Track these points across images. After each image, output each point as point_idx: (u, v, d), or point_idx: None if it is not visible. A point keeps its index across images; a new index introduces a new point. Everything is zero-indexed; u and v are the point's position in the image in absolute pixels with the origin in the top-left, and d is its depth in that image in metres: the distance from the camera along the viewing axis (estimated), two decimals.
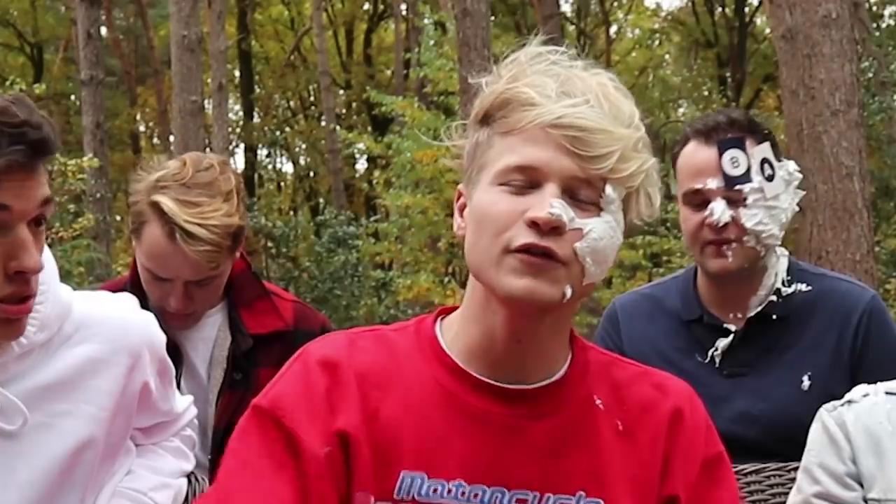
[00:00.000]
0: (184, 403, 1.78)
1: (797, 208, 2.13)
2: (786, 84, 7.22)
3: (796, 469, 1.94)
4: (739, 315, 2.14)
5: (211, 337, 2.17)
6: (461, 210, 1.30)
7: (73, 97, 23.64)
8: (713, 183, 2.05)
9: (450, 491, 1.23)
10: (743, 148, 2.05)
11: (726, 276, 2.10)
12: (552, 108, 1.20)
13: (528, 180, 1.21)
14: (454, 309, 1.35)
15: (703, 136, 2.09)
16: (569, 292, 1.21)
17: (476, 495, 1.23)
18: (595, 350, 1.38)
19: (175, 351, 2.10)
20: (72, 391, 1.46)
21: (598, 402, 1.30)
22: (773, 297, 2.13)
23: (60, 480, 1.45)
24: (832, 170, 6.85)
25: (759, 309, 2.13)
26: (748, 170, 2.04)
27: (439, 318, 1.35)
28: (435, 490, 1.23)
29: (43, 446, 1.44)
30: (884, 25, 20.06)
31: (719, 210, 2.04)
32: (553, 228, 1.19)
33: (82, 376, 1.47)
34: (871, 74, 12.02)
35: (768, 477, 1.96)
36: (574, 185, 1.21)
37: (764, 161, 2.06)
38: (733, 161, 2.04)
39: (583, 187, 1.21)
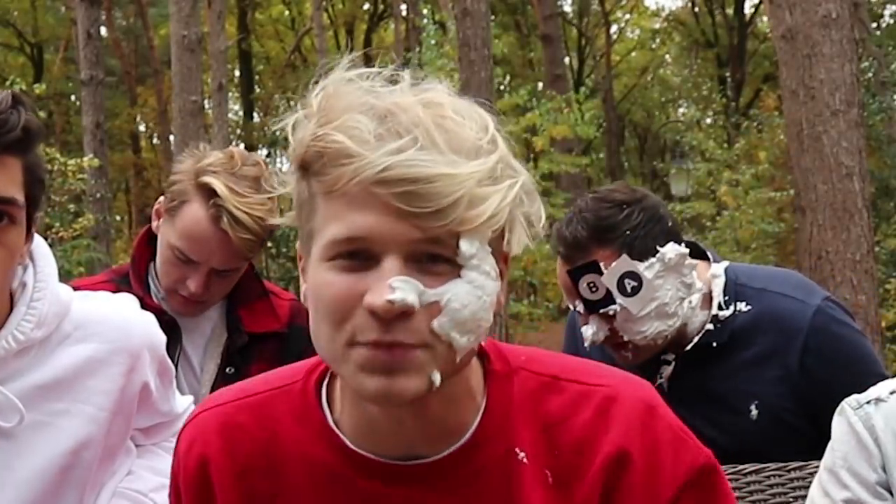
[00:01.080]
0: (184, 404, 1.78)
1: (691, 280, 1.98)
2: (786, 84, 7.22)
3: (796, 469, 1.95)
4: (678, 349, 2.06)
5: (205, 335, 2.18)
6: (304, 273, 1.07)
7: (73, 97, 23.65)
8: (580, 306, 2.00)
9: None
10: (596, 271, 1.94)
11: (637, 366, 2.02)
12: (372, 158, 0.95)
13: (361, 253, 0.98)
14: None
15: (562, 257, 2.00)
16: (437, 379, 0.99)
17: None
18: (524, 372, 1.13)
19: (173, 340, 2.11)
20: (70, 390, 1.46)
21: (520, 455, 1.09)
22: (710, 326, 2.02)
23: (58, 480, 1.45)
24: (832, 170, 6.85)
25: (696, 340, 2.03)
26: (607, 292, 1.94)
27: (321, 382, 1.15)
28: None
29: (41, 445, 1.43)
30: (884, 25, 20.06)
31: (589, 333, 2.00)
32: (399, 314, 0.96)
33: (81, 376, 1.47)
34: (871, 74, 12.03)
35: (768, 477, 1.96)
36: (418, 250, 0.97)
37: (623, 277, 1.93)
38: (591, 286, 1.95)
39: (430, 248, 0.98)
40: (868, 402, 1.54)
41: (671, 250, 1.95)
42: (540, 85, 21.57)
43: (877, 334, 7.07)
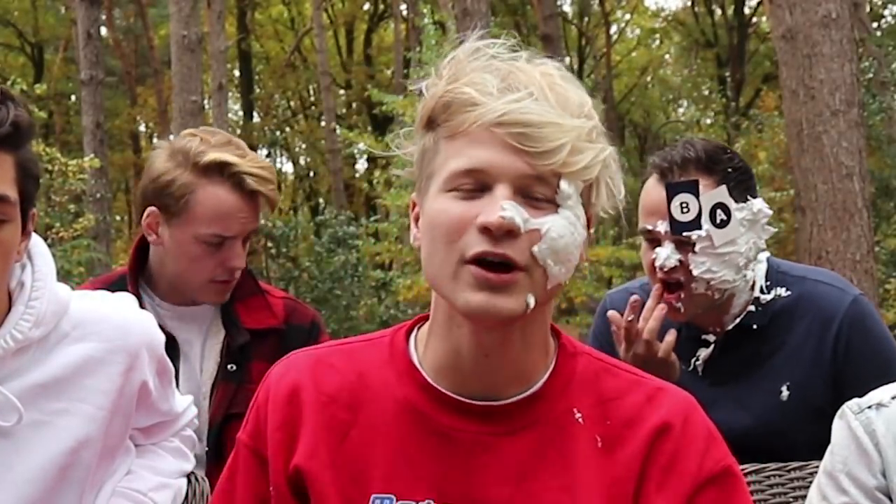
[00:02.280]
0: (183, 403, 1.77)
1: (763, 246, 2.06)
2: (786, 84, 7.22)
3: (796, 469, 1.95)
4: (717, 329, 2.12)
5: (201, 333, 2.18)
6: (416, 220, 1.25)
7: (73, 97, 23.64)
8: (662, 226, 2.00)
9: None
10: (695, 192, 1.96)
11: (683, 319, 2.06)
12: (494, 105, 1.15)
13: (477, 184, 1.16)
14: (427, 318, 1.30)
15: (659, 173, 2.03)
16: (532, 302, 1.16)
17: None
18: (587, 356, 1.30)
19: (171, 344, 2.11)
20: (69, 390, 1.46)
21: (577, 415, 1.24)
22: (752, 307, 2.08)
23: (58, 478, 1.45)
24: (832, 170, 6.85)
25: (738, 321, 2.10)
26: (698, 216, 1.96)
27: (416, 327, 1.31)
28: None
29: (40, 444, 1.43)
30: (884, 25, 20.06)
31: (664, 255, 2.00)
32: (507, 232, 1.13)
33: (79, 375, 1.47)
34: (871, 74, 12.02)
35: (768, 477, 1.96)
36: (526, 184, 1.15)
37: (716, 207, 1.97)
38: (683, 206, 1.97)
39: (535, 185, 1.15)
40: (869, 407, 1.54)
41: (760, 204, 2.03)
42: None
43: None
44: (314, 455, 1.24)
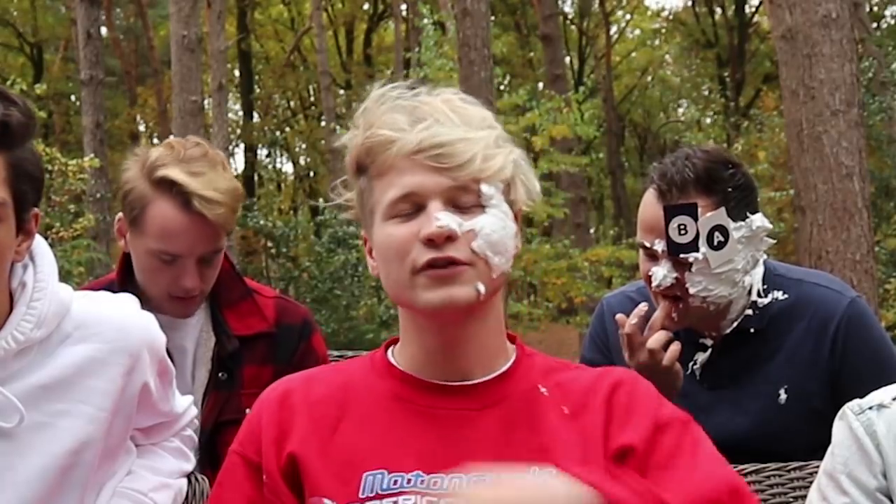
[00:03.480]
0: (184, 404, 1.77)
1: (764, 256, 2.08)
2: (786, 84, 7.21)
3: (796, 469, 1.95)
4: (715, 333, 2.12)
5: (191, 341, 2.16)
6: (370, 253, 1.42)
7: (73, 97, 23.65)
8: (659, 245, 2.00)
9: (409, 481, 1.31)
10: (693, 216, 1.96)
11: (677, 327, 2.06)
12: (409, 137, 1.32)
13: (412, 206, 1.33)
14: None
15: (658, 191, 2.02)
16: (482, 289, 1.33)
17: (435, 482, 1.31)
18: (541, 356, 1.47)
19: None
20: (70, 391, 1.45)
21: (542, 390, 1.40)
22: (749, 311, 2.09)
23: (59, 480, 1.45)
24: (832, 170, 6.85)
25: (735, 325, 2.10)
26: (695, 238, 1.96)
27: (390, 346, 1.47)
28: (395, 482, 1.32)
29: (41, 446, 1.43)
30: (884, 25, 20.06)
31: (660, 275, 2.00)
32: (447, 238, 1.31)
33: (80, 376, 1.46)
34: (871, 74, 12.03)
35: (768, 477, 1.96)
36: (453, 195, 1.33)
37: (714, 229, 1.98)
38: (681, 228, 1.97)
39: (461, 194, 1.33)
40: (870, 408, 1.54)
41: (759, 220, 2.03)
42: (540, 85, 21.58)
43: None
44: (306, 443, 1.36)
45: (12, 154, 1.36)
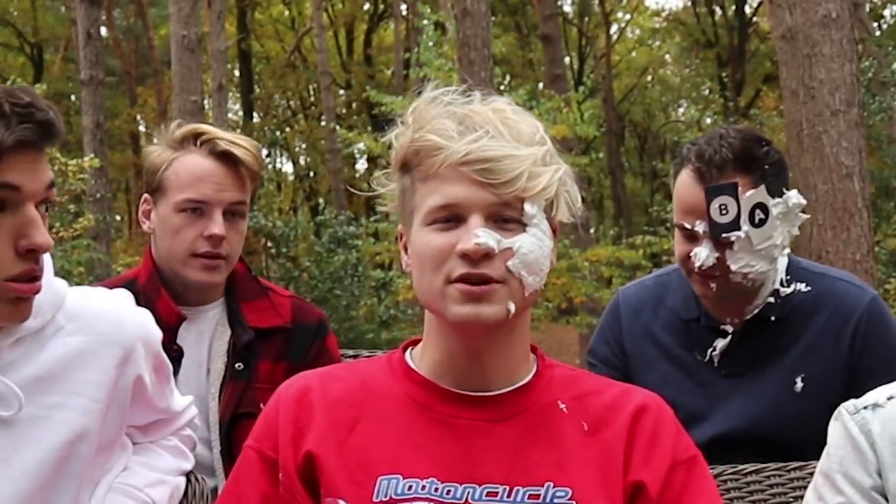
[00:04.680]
0: (183, 403, 1.77)
1: (797, 232, 2.10)
2: (786, 84, 7.21)
3: (796, 469, 1.95)
4: (736, 319, 2.14)
5: (207, 334, 2.18)
6: (405, 249, 1.42)
7: (73, 97, 23.64)
8: (700, 226, 2.02)
9: (423, 488, 1.31)
10: (734, 195, 1.99)
11: (714, 300, 2.10)
12: (457, 147, 1.31)
13: (452, 216, 1.33)
14: (420, 341, 1.46)
15: (697, 173, 2.02)
16: (512, 308, 1.33)
17: (449, 491, 1.31)
18: (561, 367, 1.47)
19: (176, 348, 2.11)
20: (63, 382, 1.46)
21: (561, 406, 1.39)
22: (771, 299, 2.12)
23: (55, 472, 1.45)
24: (832, 170, 6.85)
25: (757, 311, 2.12)
26: (737, 217, 1.99)
27: (408, 348, 1.47)
28: (410, 488, 1.31)
29: (37, 438, 1.44)
30: (884, 25, 20.05)
31: (703, 256, 2.02)
32: (484, 255, 1.30)
33: (74, 368, 1.47)
34: (871, 74, 12.02)
35: (768, 477, 1.96)
36: (495, 211, 1.32)
37: (755, 207, 2.00)
38: (722, 208, 1.99)
39: (503, 210, 1.32)
40: (865, 408, 1.55)
41: (795, 196, 2.06)
42: (540, 85, 21.56)
43: None
44: (323, 443, 1.36)
45: (52, 146, 1.42)
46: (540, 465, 1.33)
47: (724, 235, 2.00)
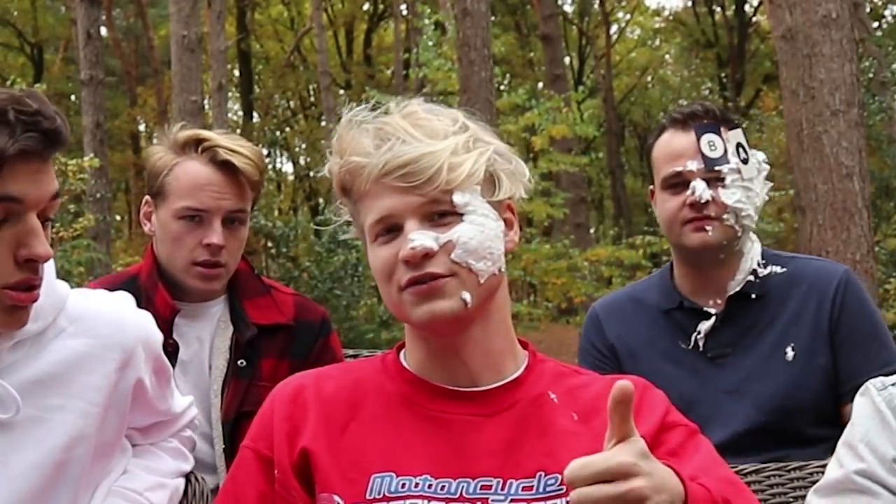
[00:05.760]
0: (183, 404, 1.77)
1: (766, 198, 2.23)
2: (786, 84, 7.21)
3: (796, 469, 1.95)
4: (718, 300, 2.20)
5: (209, 331, 2.18)
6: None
7: (73, 97, 23.64)
8: (693, 164, 2.14)
9: (417, 485, 1.32)
10: (719, 133, 2.15)
11: (706, 254, 2.15)
12: (375, 161, 1.34)
13: (390, 227, 1.36)
14: None
15: (679, 124, 2.18)
16: (468, 297, 1.33)
17: (443, 487, 1.32)
18: (553, 362, 1.48)
19: (175, 345, 2.11)
20: (63, 385, 1.46)
21: (552, 396, 1.40)
22: (751, 278, 2.19)
23: (52, 475, 1.44)
24: (832, 170, 6.85)
25: (738, 289, 2.19)
26: (725, 152, 2.14)
27: (403, 348, 1.48)
28: (403, 485, 1.32)
29: (35, 440, 1.43)
30: (884, 25, 20.05)
31: (700, 188, 2.12)
32: (423, 257, 1.32)
33: (74, 371, 1.47)
34: (871, 74, 12.02)
35: (768, 477, 1.96)
36: (427, 211, 1.34)
37: (738, 145, 2.17)
38: (710, 144, 2.14)
39: (434, 207, 1.34)
40: (893, 384, 1.56)
41: (762, 155, 2.25)
42: (540, 85, 21.57)
43: None
44: (317, 440, 1.37)
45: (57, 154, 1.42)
46: (531, 456, 1.34)
47: (716, 168, 2.12)
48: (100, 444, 1.51)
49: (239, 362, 2.14)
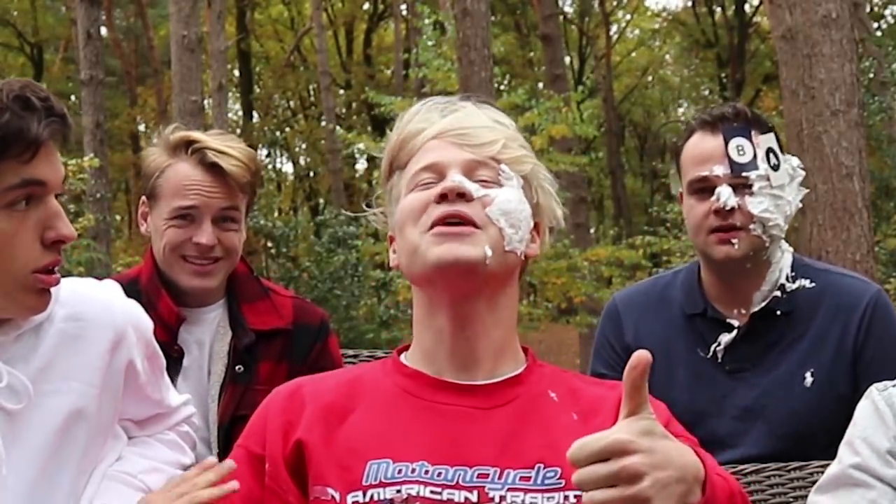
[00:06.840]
0: (179, 399, 1.78)
1: (800, 205, 2.14)
2: (786, 84, 7.21)
3: (797, 469, 1.95)
4: (743, 311, 2.13)
5: (208, 336, 2.18)
6: (393, 249, 1.47)
7: (73, 97, 23.64)
8: (719, 169, 2.05)
9: (413, 471, 1.32)
10: (748, 137, 2.06)
11: (731, 265, 2.08)
12: (437, 124, 1.42)
13: (434, 176, 1.39)
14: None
15: (708, 127, 2.10)
16: (489, 252, 1.34)
17: (440, 473, 1.32)
18: (551, 367, 1.49)
19: (177, 350, 2.11)
20: (59, 368, 1.47)
21: (552, 395, 1.41)
22: (777, 293, 2.12)
23: (53, 457, 1.45)
24: (832, 170, 6.84)
25: (763, 304, 2.11)
26: (754, 157, 2.05)
27: (402, 352, 1.49)
28: (400, 471, 1.32)
29: (36, 424, 1.44)
30: (884, 25, 20.05)
31: (726, 194, 2.03)
32: (460, 195, 1.35)
33: (68, 353, 1.48)
34: (871, 74, 12.02)
35: (768, 477, 1.96)
36: (472, 167, 1.39)
37: (769, 151, 2.07)
38: (739, 149, 2.05)
39: (480, 168, 1.39)
40: (894, 386, 1.60)
41: (796, 161, 2.15)
42: (540, 85, 21.56)
43: None
44: (313, 432, 1.37)
45: None
46: (531, 447, 1.34)
47: (744, 174, 2.04)
48: (96, 426, 1.52)
49: (237, 368, 2.15)
